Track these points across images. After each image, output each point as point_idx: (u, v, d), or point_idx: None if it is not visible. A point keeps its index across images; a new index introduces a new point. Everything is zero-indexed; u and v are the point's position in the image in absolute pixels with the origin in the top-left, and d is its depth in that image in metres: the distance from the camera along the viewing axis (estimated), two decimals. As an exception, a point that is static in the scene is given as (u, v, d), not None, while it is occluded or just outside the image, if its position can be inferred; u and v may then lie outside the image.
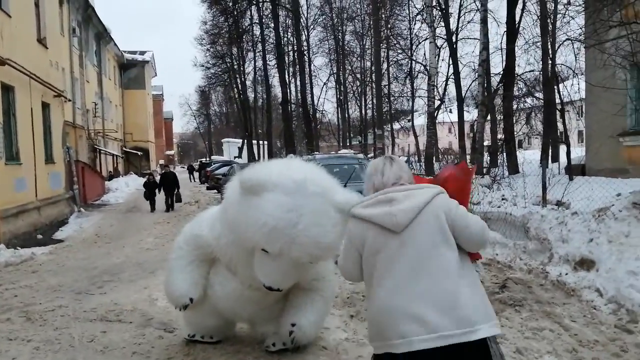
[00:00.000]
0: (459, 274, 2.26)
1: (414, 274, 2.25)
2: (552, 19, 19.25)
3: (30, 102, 13.09)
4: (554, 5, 19.14)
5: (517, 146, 18.28)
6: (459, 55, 23.99)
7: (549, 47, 18.76)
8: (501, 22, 22.79)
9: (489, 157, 17.89)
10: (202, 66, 40.62)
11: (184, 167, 59.57)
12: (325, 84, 40.39)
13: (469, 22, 26.21)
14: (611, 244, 5.69)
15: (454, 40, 23.60)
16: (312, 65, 38.19)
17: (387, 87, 32.68)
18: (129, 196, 24.32)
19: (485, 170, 14.78)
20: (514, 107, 19.51)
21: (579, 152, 14.86)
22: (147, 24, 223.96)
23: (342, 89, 39.86)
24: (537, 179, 9.65)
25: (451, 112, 30.64)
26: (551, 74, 17.93)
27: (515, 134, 18.25)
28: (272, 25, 30.68)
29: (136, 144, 42.59)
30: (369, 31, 34.04)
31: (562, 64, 20.18)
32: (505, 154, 15.71)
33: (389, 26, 31.47)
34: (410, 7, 31.19)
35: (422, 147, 30.39)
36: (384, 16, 29.71)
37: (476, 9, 22.42)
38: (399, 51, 32.80)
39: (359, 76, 38.61)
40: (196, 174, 40.46)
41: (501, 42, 22.73)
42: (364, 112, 38.68)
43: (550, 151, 19.48)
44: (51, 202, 14.43)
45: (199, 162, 47.98)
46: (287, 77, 33.25)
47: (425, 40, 27.19)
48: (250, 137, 37.90)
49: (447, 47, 23.95)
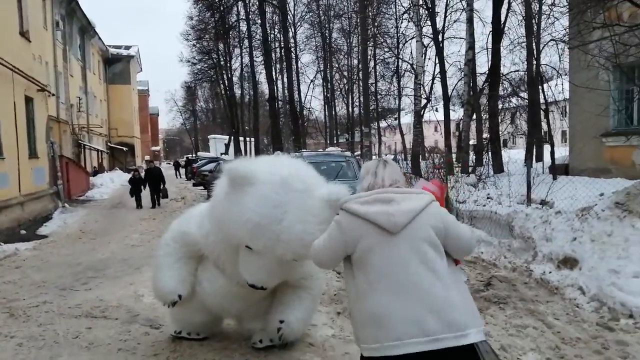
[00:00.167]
0: (449, 280, 2.28)
1: (409, 277, 2.25)
2: (536, 19, 19.44)
3: (13, 96, 12.90)
4: (538, 6, 19.37)
5: (502, 145, 18.43)
6: (445, 54, 24.11)
7: (534, 47, 18.95)
8: (487, 22, 23.01)
9: (474, 156, 18.03)
10: (188, 62, 40.38)
11: (169, 163, 59.08)
12: (312, 81, 40.35)
13: (455, 21, 26.31)
14: (594, 243, 5.77)
15: (440, 39, 23.66)
16: (300, 62, 38.19)
17: (374, 85, 32.71)
18: (114, 192, 24.07)
19: (471, 169, 14.90)
20: (499, 106, 19.67)
21: (562, 152, 15.01)
22: (132, 19, 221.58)
23: (329, 87, 39.86)
24: (522, 178, 9.75)
25: (437, 110, 30.72)
26: (536, 74, 18.10)
27: (500, 133, 18.40)
28: (259, 21, 30.60)
29: (121, 140, 42.12)
30: (356, 29, 34.05)
31: (546, 65, 20.44)
32: (490, 153, 15.82)
33: (376, 24, 31.46)
34: (397, 6, 31.22)
35: (408, 145, 30.51)
36: (371, 14, 29.68)
37: (462, 8, 22.54)
38: (386, 49, 32.85)
39: (346, 74, 38.62)
40: (182, 170, 40.16)
41: (487, 42, 22.91)
42: (350, 109, 38.69)
43: (534, 151, 19.71)
44: (35, 197, 14.25)
45: (185, 159, 47.66)
46: (274, 73, 33.21)
47: (412, 39, 27.27)
48: (237, 133, 37.75)
49: (434, 46, 24.01)
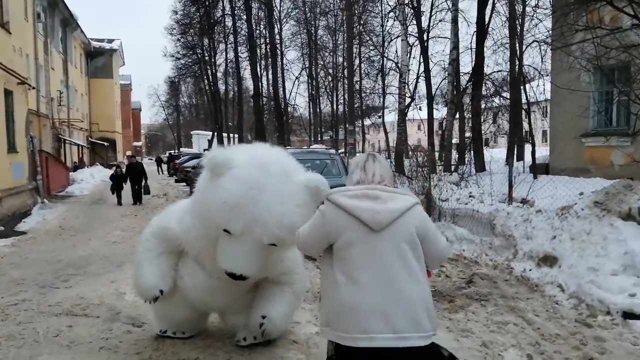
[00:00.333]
0: (421, 284, 2.34)
1: (386, 274, 2.30)
2: (520, 20, 19.67)
3: (-8, 89, 12.72)
4: (522, 7, 19.60)
5: (483, 144, 18.61)
6: (429, 53, 24.26)
7: (517, 48, 19.17)
8: (471, 22, 23.25)
9: (457, 155, 18.20)
10: (172, 56, 39.97)
11: (151, 159, 58.51)
12: (297, 78, 40.29)
13: (440, 21, 26.47)
14: (573, 241, 5.87)
15: (425, 38, 23.80)
16: (285, 58, 38.08)
17: (358, 83, 32.79)
18: (95, 188, 23.80)
19: (453, 167, 15.03)
20: (482, 106, 19.85)
21: (542, 152, 15.21)
22: (115, 12, 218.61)
23: (314, 84, 39.82)
24: (503, 177, 9.89)
25: (421, 109, 30.92)
26: (518, 74, 18.31)
27: (483, 132, 18.58)
28: (245, 17, 30.41)
29: (102, 135, 41.59)
30: (341, 27, 34.05)
31: (529, 65, 20.67)
32: (472, 152, 15.97)
33: (362, 22, 31.51)
34: (382, 4, 31.29)
35: (392, 143, 30.64)
36: (356, 12, 29.72)
37: (447, 8, 22.67)
38: (371, 48, 32.93)
39: (331, 71, 38.62)
40: (164, 166, 39.82)
41: (471, 42, 23.10)
42: (335, 107, 38.72)
43: (515, 150, 19.94)
44: (13, 192, 14.02)
45: (167, 155, 47.25)
46: (259, 70, 33.06)
47: (397, 37, 27.37)
48: (220, 129, 37.51)
49: (419, 45, 24.14)
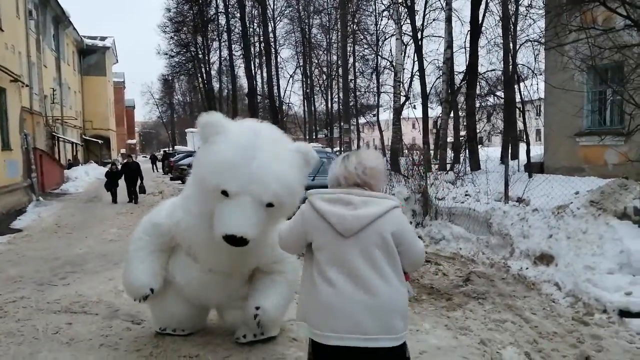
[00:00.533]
0: (394, 288, 2.39)
1: (357, 278, 2.36)
2: (513, 20, 19.74)
3: (-15, 87, 12.65)
4: (515, 6, 19.67)
5: (478, 143, 18.71)
6: (423, 52, 24.30)
7: (510, 47, 19.24)
8: (465, 22, 23.30)
9: (452, 154, 18.27)
10: (166, 54, 39.89)
11: (145, 157, 58.26)
12: (291, 76, 40.26)
13: (434, 20, 26.68)
14: (570, 240, 5.93)
15: (420, 37, 23.85)
16: (279, 57, 38.03)
17: (353, 81, 32.81)
18: (89, 185, 23.68)
19: (449, 166, 15.10)
20: (477, 105, 19.93)
21: (536, 151, 15.31)
22: (108, 9, 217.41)
23: (308, 82, 39.81)
24: (499, 176, 9.94)
25: (415, 108, 30.99)
26: (512, 73, 18.39)
27: (477, 131, 18.67)
28: (238, 15, 30.37)
29: (96, 132, 41.38)
30: (335, 25, 34.03)
31: (522, 65, 20.75)
32: (467, 151, 16.04)
33: (356, 21, 31.51)
34: (376, 3, 31.28)
35: (386, 141, 30.69)
36: (350, 11, 29.73)
37: (441, 7, 22.74)
38: (365, 46, 32.96)
39: (325, 70, 38.60)
40: (159, 164, 39.70)
41: (465, 41, 23.16)
42: (330, 105, 38.73)
43: (509, 149, 20.04)
44: (8, 190, 13.96)
45: (162, 152, 47.08)
46: (253, 68, 33.00)
47: (391, 36, 27.39)
48: (214, 128, 37.35)
49: (413, 44, 24.19)
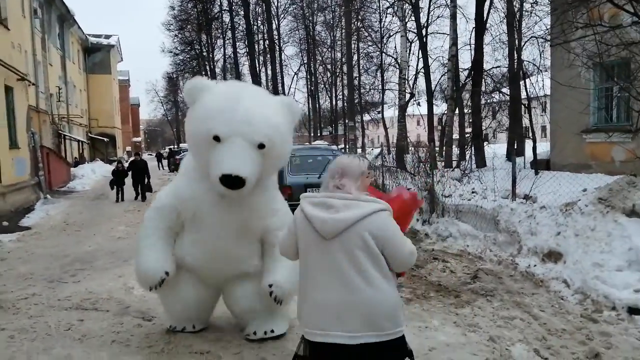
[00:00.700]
0: (378, 289, 2.45)
1: (340, 280, 2.45)
2: (518, 16, 19.63)
3: (-7, 86, 12.71)
4: (520, 3, 19.56)
5: (484, 140, 18.63)
6: (428, 49, 24.25)
7: (515, 44, 19.14)
8: (470, 18, 23.19)
9: (458, 151, 18.25)
10: (170, 52, 39.96)
11: (151, 155, 58.39)
12: (296, 73, 40.22)
13: (438, 17, 26.52)
14: (578, 237, 5.92)
15: (424, 34, 23.79)
16: (283, 54, 38.01)
17: (357, 79, 32.77)
18: (96, 183, 23.78)
19: (454, 163, 15.08)
20: (482, 102, 19.88)
21: (542, 148, 15.26)
22: (112, 7, 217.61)
23: (312, 80, 39.76)
24: (505, 173, 9.92)
25: (420, 105, 30.94)
26: (517, 70, 18.32)
27: (483, 129, 18.61)
28: (242, 12, 30.38)
29: (102, 130, 41.48)
30: (339, 22, 33.98)
31: (527, 61, 20.64)
32: (473, 148, 16.00)
33: (360, 18, 31.45)
34: (381, 0, 31.22)
35: (391, 139, 30.65)
36: (354, 8, 29.67)
37: (446, 4, 22.68)
38: (370, 44, 32.88)
39: (329, 67, 38.55)
40: (165, 162, 39.77)
41: (470, 38, 23.11)
42: (334, 103, 38.70)
43: (515, 146, 19.96)
44: (16, 188, 14.04)
45: (167, 150, 47.16)
46: (257, 65, 33.02)
47: (396, 33, 27.35)
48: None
49: (417, 41, 24.14)
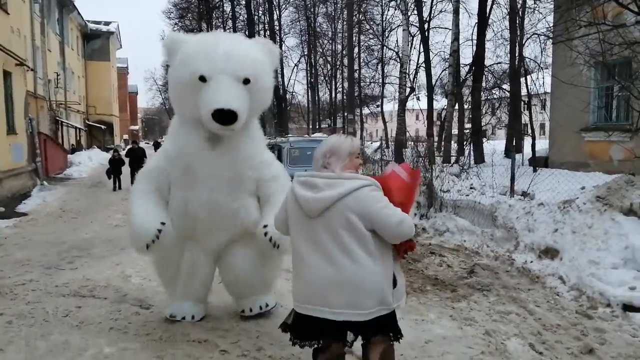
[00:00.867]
0: (362, 266, 2.53)
1: (324, 257, 2.58)
2: (520, 13, 19.57)
3: (-10, 70, 12.64)
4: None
5: (483, 136, 18.66)
6: (429, 43, 24.20)
7: (517, 40, 19.09)
8: (472, 14, 23.15)
9: (457, 146, 18.26)
10: (170, 41, 39.57)
11: (148, 143, 58.25)
12: (296, 65, 40.04)
13: (441, 11, 26.47)
14: (575, 234, 5.96)
15: (426, 28, 23.73)
16: (284, 45, 37.80)
17: (357, 71, 32.70)
18: (93, 171, 23.73)
19: (453, 159, 15.10)
20: (482, 98, 19.87)
21: (540, 145, 15.27)
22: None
23: (312, 72, 39.63)
24: (504, 169, 9.94)
25: (419, 99, 30.93)
26: (518, 67, 18.29)
27: (482, 125, 18.63)
28: (243, 1, 30.20)
29: (100, 118, 41.31)
30: (341, 14, 33.85)
31: (529, 58, 20.61)
32: (472, 144, 16.02)
33: (362, 10, 31.33)
34: (383, -7, 31.07)
35: (390, 133, 30.67)
36: (356, 0, 29.56)
37: (449, -1, 22.62)
38: (371, 37, 32.79)
39: (330, 59, 38.43)
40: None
41: (472, 33, 23.05)
42: (334, 95, 38.61)
43: (514, 142, 19.96)
44: (13, 174, 14.00)
45: (164, 139, 46.97)
46: (257, 56, 32.73)
47: (398, 27, 27.27)
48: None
49: (419, 35, 24.08)
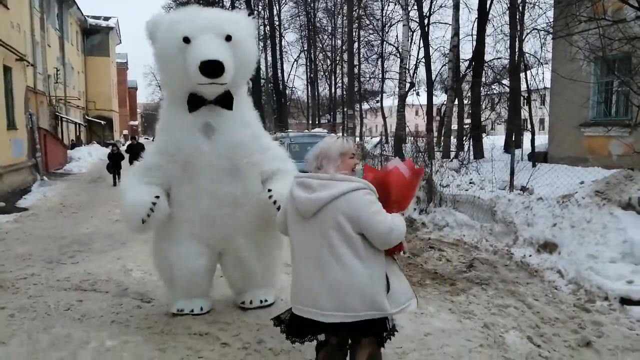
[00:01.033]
0: (349, 269, 2.58)
1: (315, 258, 2.63)
2: (520, 8, 19.54)
3: (-10, 65, 12.63)
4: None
5: (482, 132, 18.67)
6: (429, 39, 24.19)
7: (517, 35, 19.07)
8: (472, 9, 23.12)
9: (456, 141, 18.27)
10: (170, 36, 39.43)
11: (148, 139, 58.24)
12: (295, 60, 39.97)
13: (441, 6, 26.45)
14: (573, 229, 5.98)
15: (426, 23, 23.72)
16: (283, 40, 37.75)
17: (357, 67, 32.66)
18: (93, 166, 23.76)
19: (453, 154, 15.12)
20: (482, 93, 19.87)
21: (540, 140, 15.30)
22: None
23: (312, 67, 39.58)
24: (503, 164, 9.98)
25: (419, 94, 30.93)
26: (518, 62, 18.29)
27: (482, 120, 18.64)
28: (243, -4, 30.07)
29: (99, 113, 41.27)
30: (341, 9, 33.78)
31: (529, 53, 20.60)
32: (472, 139, 16.04)
33: (362, 5, 31.27)
34: (383, -12, 30.99)
35: (389, 128, 30.68)
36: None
37: (449, -6, 22.59)
38: (371, 32, 32.74)
39: (329, 54, 38.36)
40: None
41: (472, 29, 23.03)
42: (333, 90, 38.57)
43: (513, 138, 19.97)
44: (13, 169, 14.01)
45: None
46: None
47: (398, 22, 27.24)
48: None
49: (419, 30, 24.07)
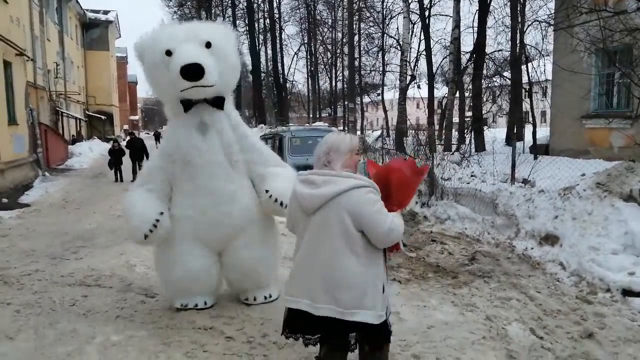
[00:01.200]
0: (345, 264, 2.62)
1: (314, 253, 2.70)
2: (522, 0, 19.43)
3: (-10, 61, 12.60)
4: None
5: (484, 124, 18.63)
6: (430, 31, 24.07)
7: (518, 27, 18.99)
8: (473, 1, 22.98)
9: (458, 134, 18.27)
10: (170, 29, 39.32)
11: (148, 133, 58.20)
12: (296, 53, 39.91)
13: (441, -2, 26.30)
14: (575, 221, 6.00)
15: (427, 16, 23.62)
16: (284, 33, 37.66)
17: (358, 60, 32.58)
18: (94, 162, 23.76)
19: (454, 147, 15.13)
20: (483, 86, 19.82)
21: (541, 133, 15.29)
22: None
23: (312, 60, 39.50)
24: (504, 157, 9.98)
25: (420, 87, 30.88)
26: (519, 54, 18.24)
27: (483, 113, 18.60)
28: (243, -10, 30.03)
29: (99, 108, 41.20)
30: (341, 2, 33.66)
31: (530, 45, 20.54)
32: (473, 132, 16.03)
33: (363, -2, 31.16)
34: (384, -20, 30.84)
35: (390, 121, 30.63)
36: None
37: (450, -15, 22.48)
38: (371, 24, 32.63)
39: (330, 47, 38.28)
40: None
41: (473, 21, 22.94)
42: (334, 84, 38.50)
43: (515, 130, 19.95)
44: (15, 165, 14.01)
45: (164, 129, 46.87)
46: (257, 44, 32.72)
47: (398, 14, 27.13)
48: (217, 105, 37.16)
49: (420, 23, 23.98)
